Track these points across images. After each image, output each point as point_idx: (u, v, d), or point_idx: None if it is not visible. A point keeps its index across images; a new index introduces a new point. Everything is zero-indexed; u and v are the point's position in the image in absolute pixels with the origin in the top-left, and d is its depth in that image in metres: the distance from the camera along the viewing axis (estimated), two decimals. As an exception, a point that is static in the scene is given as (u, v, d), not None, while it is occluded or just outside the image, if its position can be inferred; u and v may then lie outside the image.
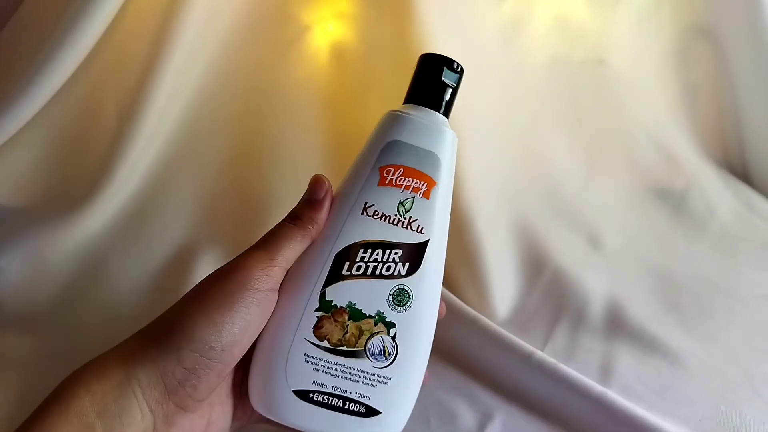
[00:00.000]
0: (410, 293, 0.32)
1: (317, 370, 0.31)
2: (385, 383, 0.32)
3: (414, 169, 0.33)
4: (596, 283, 0.54)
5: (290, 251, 0.30)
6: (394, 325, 0.32)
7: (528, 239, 0.57)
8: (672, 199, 0.66)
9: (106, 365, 0.26)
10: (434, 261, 0.33)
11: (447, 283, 0.52)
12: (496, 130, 0.60)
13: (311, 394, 0.30)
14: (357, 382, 0.31)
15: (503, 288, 0.53)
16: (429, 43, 0.54)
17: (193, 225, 0.56)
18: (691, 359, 0.48)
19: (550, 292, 0.54)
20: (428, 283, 0.33)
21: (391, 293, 0.32)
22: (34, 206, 0.55)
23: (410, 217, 0.33)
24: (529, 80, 0.64)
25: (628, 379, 0.46)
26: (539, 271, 0.55)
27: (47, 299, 0.52)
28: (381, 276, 0.32)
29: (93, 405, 0.25)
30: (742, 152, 0.72)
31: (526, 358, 0.45)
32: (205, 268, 0.53)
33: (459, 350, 0.46)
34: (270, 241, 0.30)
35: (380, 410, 0.31)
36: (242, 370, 0.31)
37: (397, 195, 0.33)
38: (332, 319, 0.31)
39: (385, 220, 0.32)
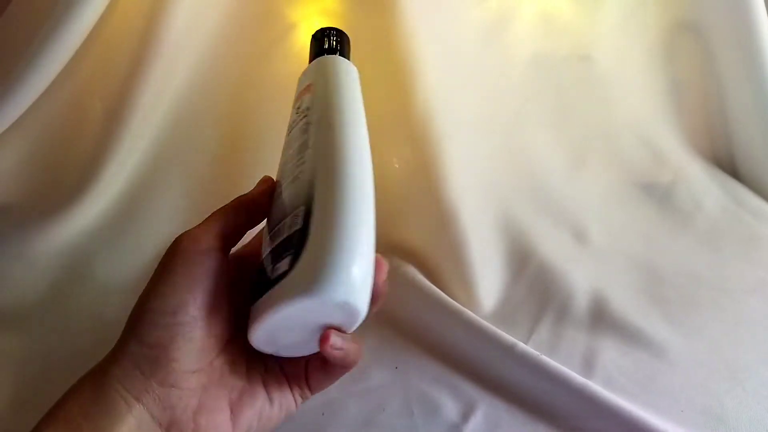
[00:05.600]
0: None
1: None
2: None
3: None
4: (581, 276, 0.54)
5: (220, 217, 0.31)
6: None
7: (513, 234, 0.57)
8: (658, 194, 0.66)
9: (90, 375, 0.27)
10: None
11: (432, 276, 0.52)
12: (480, 127, 0.60)
13: None
14: None
15: (488, 282, 0.53)
16: (413, 40, 0.54)
17: (180, 222, 0.56)
18: (675, 351, 0.48)
19: (535, 286, 0.54)
20: None
21: None
22: (22, 204, 0.56)
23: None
24: (514, 77, 0.64)
25: (610, 370, 0.46)
26: (524, 265, 0.55)
27: (35, 297, 0.52)
28: None
29: (79, 409, 0.26)
30: (729, 146, 0.72)
31: (509, 350, 0.45)
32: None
33: (442, 342, 0.47)
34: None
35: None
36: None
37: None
38: None
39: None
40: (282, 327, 0.27)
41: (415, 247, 0.54)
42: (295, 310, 0.26)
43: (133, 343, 0.27)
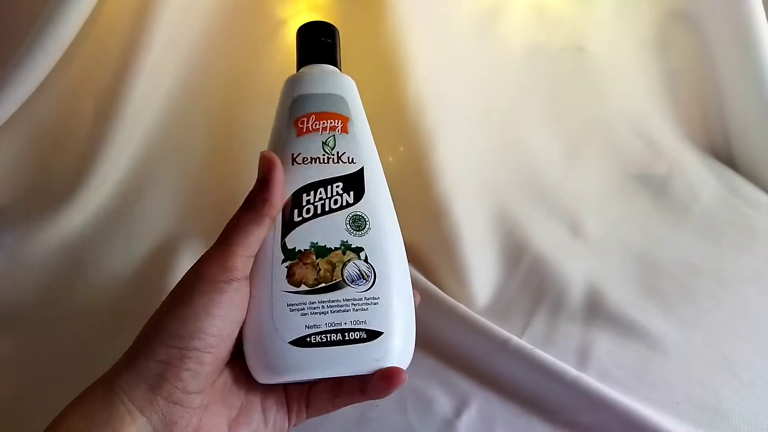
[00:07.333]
0: (365, 217, 0.33)
1: (305, 314, 0.30)
2: (375, 303, 0.31)
3: (324, 112, 0.35)
4: (576, 269, 0.54)
5: (247, 237, 0.30)
6: (361, 249, 0.32)
7: (508, 227, 0.57)
8: (654, 185, 0.66)
9: (94, 386, 0.27)
10: (376, 184, 0.34)
11: (425, 271, 0.52)
12: (474, 120, 0.60)
13: (308, 338, 0.29)
14: (348, 311, 0.30)
15: (483, 275, 0.53)
16: (404, 34, 0.54)
17: (173, 219, 0.56)
18: (670, 343, 0.48)
19: (530, 279, 0.54)
20: (379, 205, 0.34)
21: (347, 222, 0.32)
22: (15, 204, 0.56)
23: (338, 152, 0.34)
24: (508, 69, 0.64)
25: (605, 363, 0.46)
26: (519, 259, 0.55)
27: (30, 295, 0.52)
28: (331, 210, 0.32)
29: (83, 419, 0.26)
30: (725, 136, 0.71)
31: (503, 345, 0.45)
32: (186, 262, 0.53)
33: (436, 337, 0.47)
34: (225, 234, 0.30)
35: (381, 330, 0.30)
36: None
37: (318, 138, 0.34)
38: (301, 263, 0.31)
39: (315, 162, 0.33)
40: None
41: (409, 242, 0.53)
42: None
43: (143, 358, 0.27)
